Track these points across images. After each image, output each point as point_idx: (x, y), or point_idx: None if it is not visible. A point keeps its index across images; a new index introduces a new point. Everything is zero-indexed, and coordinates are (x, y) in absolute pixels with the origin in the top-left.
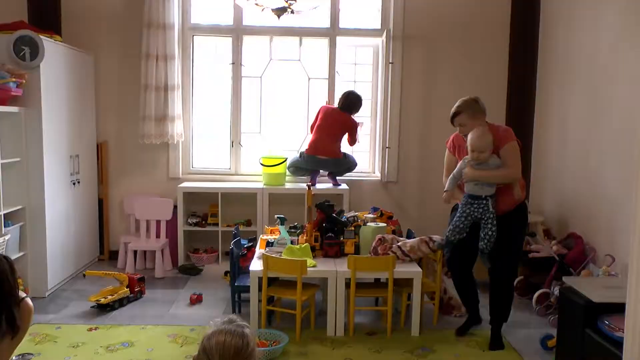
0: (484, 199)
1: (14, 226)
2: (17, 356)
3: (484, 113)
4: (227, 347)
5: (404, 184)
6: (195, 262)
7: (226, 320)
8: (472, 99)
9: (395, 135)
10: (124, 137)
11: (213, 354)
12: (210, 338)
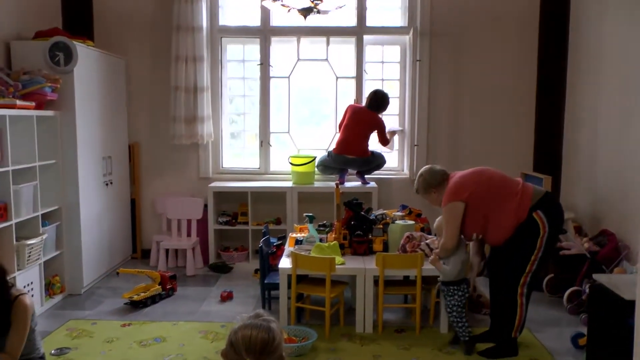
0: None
1: (51, 226)
2: (56, 350)
3: (435, 186)
4: (254, 341)
5: None
6: (225, 260)
7: (253, 314)
8: (421, 174)
9: (424, 132)
10: (155, 138)
11: (240, 347)
12: (237, 332)
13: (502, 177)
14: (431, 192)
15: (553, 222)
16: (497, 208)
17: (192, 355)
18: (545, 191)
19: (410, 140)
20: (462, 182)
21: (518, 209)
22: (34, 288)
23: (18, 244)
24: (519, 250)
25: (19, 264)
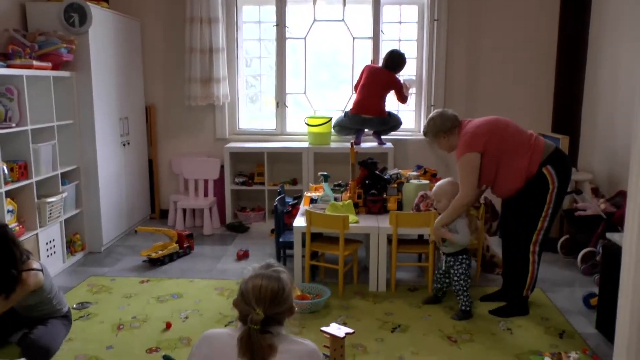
0: (442, 254)
1: (70, 185)
2: (78, 304)
3: (445, 131)
4: (264, 290)
5: None
6: (242, 220)
7: (264, 265)
8: (431, 118)
9: (441, 93)
10: (171, 99)
11: (250, 297)
12: (247, 282)
13: (516, 127)
14: (440, 137)
15: (562, 178)
16: (510, 159)
17: (208, 311)
18: (555, 146)
19: (427, 101)
20: (477, 133)
21: (530, 162)
22: (56, 245)
23: (39, 201)
24: (529, 206)
25: (40, 221)
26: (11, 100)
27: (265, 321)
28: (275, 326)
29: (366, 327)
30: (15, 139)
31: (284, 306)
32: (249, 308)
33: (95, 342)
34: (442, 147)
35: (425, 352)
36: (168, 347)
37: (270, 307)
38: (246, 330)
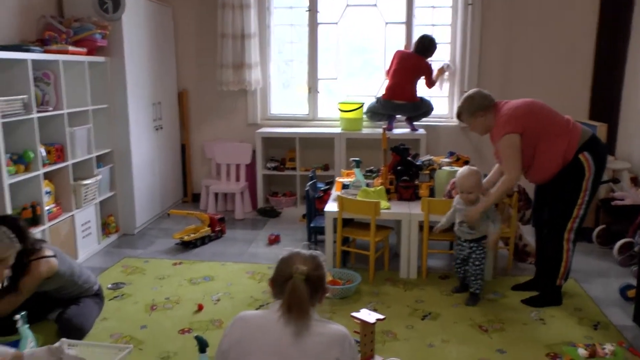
0: (464, 242)
1: (105, 167)
2: (112, 284)
3: (483, 109)
4: (305, 255)
5: None
6: (274, 205)
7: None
8: (469, 96)
9: (474, 79)
10: (204, 84)
11: (292, 260)
12: (285, 255)
13: (554, 111)
14: (477, 116)
15: (598, 166)
16: (547, 143)
17: (240, 294)
18: (592, 133)
19: (460, 87)
20: (516, 114)
21: (567, 148)
22: (91, 227)
23: (75, 184)
24: (564, 193)
25: (76, 203)
26: (48, 85)
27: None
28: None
29: (396, 313)
30: (52, 123)
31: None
32: (291, 268)
33: (129, 321)
34: (477, 128)
35: (456, 341)
36: (200, 328)
37: (312, 269)
38: (291, 283)
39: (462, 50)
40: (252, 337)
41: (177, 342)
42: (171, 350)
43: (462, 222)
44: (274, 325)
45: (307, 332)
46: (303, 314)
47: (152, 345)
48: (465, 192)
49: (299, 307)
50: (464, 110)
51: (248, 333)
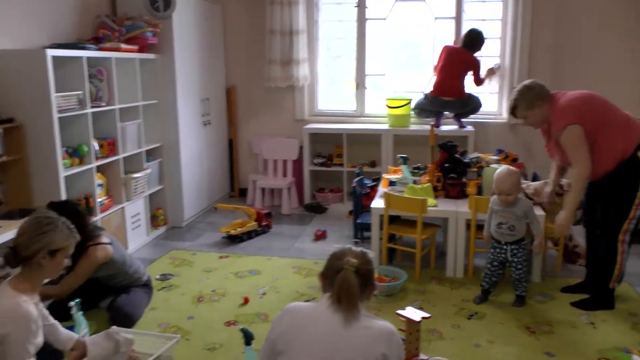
0: (504, 245)
1: (154, 162)
2: (161, 275)
3: (542, 98)
4: (355, 250)
5: None
6: (320, 201)
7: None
8: (525, 86)
9: (524, 75)
10: (252, 81)
11: (343, 253)
12: (336, 250)
13: (613, 105)
14: (535, 107)
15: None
16: (605, 138)
17: (285, 288)
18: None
19: (510, 83)
20: (576, 105)
21: (626, 144)
22: (141, 219)
23: (125, 177)
24: (620, 192)
25: (127, 195)
26: (101, 81)
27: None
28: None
29: (442, 312)
30: (104, 118)
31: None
32: (342, 261)
33: (176, 312)
34: (533, 120)
35: (502, 341)
36: (245, 321)
37: (362, 263)
38: (341, 274)
39: (512, 46)
40: (300, 327)
41: (223, 333)
42: (217, 342)
43: (500, 224)
44: (322, 316)
45: (356, 324)
46: (352, 306)
47: (199, 336)
48: (504, 194)
49: (349, 298)
50: (522, 101)
51: (296, 323)
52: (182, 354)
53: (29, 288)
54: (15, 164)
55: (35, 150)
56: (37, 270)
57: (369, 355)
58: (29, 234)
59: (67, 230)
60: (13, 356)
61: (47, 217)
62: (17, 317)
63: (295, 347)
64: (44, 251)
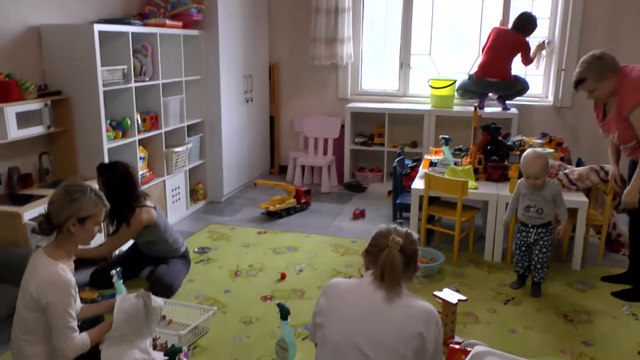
0: (530, 228)
1: (195, 137)
2: (199, 248)
3: (612, 70)
4: (401, 230)
5: (580, 110)
6: (360, 180)
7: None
8: (595, 57)
9: (574, 56)
10: (295, 58)
11: (388, 231)
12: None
13: None
14: (606, 79)
15: None
16: None
17: (322, 266)
18: None
19: (557, 64)
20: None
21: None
22: (180, 193)
23: (167, 150)
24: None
25: (167, 169)
26: (146, 57)
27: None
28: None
29: (479, 296)
30: (147, 92)
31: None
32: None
33: (213, 284)
34: (600, 94)
35: (539, 328)
36: (282, 296)
37: (407, 242)
38: (386, 251)
39: (562, 26)
40: (341, 301)
41: (259, 308)
42: (253, 316)
43: (528, 207)
44: (364, 291)
45: (397, 301)
46: (394, 283)
47: (235, 309)
48: (532, 178)
49: (392, 275)
50: (591, 73)
51: (338, 297)
52: (219, 326)
53: (63, 255)
54: (62, 135)
55: (80, 123)
56: (69, 238)
57: (406, 333)
58: (59, 202)
59: (96, 197)
60: (57, 323)
61: (77, 185)
62: (57, 285)
63: (335, 320)
64: (73, 219)
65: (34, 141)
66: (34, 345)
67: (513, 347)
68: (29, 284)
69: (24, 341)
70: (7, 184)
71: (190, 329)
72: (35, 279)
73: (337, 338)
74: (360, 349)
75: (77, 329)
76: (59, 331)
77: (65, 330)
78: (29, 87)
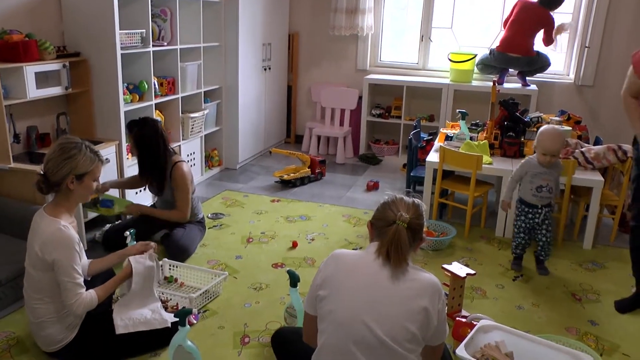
0: (539, 208)
1: (212, 103)
2: (212, 214)
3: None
4: (408, 202)
5: (602, 89)
6: (375, 152)
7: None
8: None
9: (599, 33)
10: (315, 28)
11: (396, 205)
12: (386, 204)
13: None
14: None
15: None
16: None
17: (334, 235)
18: None
19: (581, 41)
20: None
21: None
22: (196, 158)
23: (183, 116)
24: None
25: (183, 134)
26: (164, 21)
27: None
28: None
29: (488, 272)
30: (165, 57)
31: (421, 229)
32: (395, 214)
33: (226, 250)
34: None
35: (546, 307)
36: (292, 264)
37: (414, 217)
38: (393, 229)
39: (589, 2)
40: (346, 274)
41: (269, 274)
42: (263, 282)
43: (541, 187)
44: (369, 266)
45: (402, 277)
46: (401, 260)
47: (246, 275)
48: (551, 155)
49: (398, 253)
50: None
51: (342, 269)
52: (229, 290)
53: (64, 212)
54: (80, 96)
55: (98, 85)
56: (68, 195)
57: (410, 308)
58: (55, 160)
59: (92, 154)
60: (63, 279)
61: (72, 142)
62: (61, 242)
63: (338, 293)
64: (71, 176)
65: (52, 101)
66: (45, 303)
67: (519, 323)
68: (33, 243)
69: (35, 300)
70: (25, 143)
71: (201, 292)
72: (39, 238)
73: (343, 313)
74: (366, 323)
75: (83, 285)
76: (66, 287)
77: (73, 286)
78: (48, 47)
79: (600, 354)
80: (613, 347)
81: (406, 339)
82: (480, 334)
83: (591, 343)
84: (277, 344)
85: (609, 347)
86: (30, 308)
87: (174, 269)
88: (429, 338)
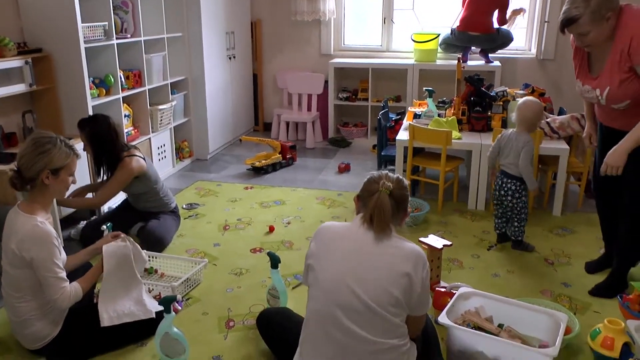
0: (517, 179)
1: (179, 94)
2: (187, 204)
3: (613, 9)
4: (392, 175)
5: (563, 62)
6: (344, 135)
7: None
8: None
9: (557, 7)
10: (277, 14)
11: (380, 177)
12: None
13: None
14: (604, 21)
15: None
16: None
17: (309, 218)
18: None
19: (541, 16)
20: None
21: None
22: (166, 150)
23: (151, 108)
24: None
25: (152, 126)
26: (126, 13)
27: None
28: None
29: (463, 243)
30: (130, 49)
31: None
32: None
33: (203, 239)
34: (595, 37)
35: (520, 272)
36: (271, 248)
37: (397, 187)
38: (376, 195)
39: None
40: (332, 242)
41: (248, 259)
42: (243, 267)
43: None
44: (354, 233)
45: (387, 242)
46: (384, 226)
47: (225, 262)
48: (531, 127)
49: (381, 218)
50: (585, 14)
51: (328, 238)
52: (210, 278)
53: (39, 209)
54: (46, 93)
55: (63, 80)
56: (43, 191)
57: (394, 272)
58: (29, 156)
59: (67, 148)
60: (45, 275)
61: (46, 136)
62: (38, 238)
63: (326, 261)
64: (46, 171)
65: (16, 99)
66: (27, 301)
67: (496, 289)
68: (9, 241)
69: (15, 298)
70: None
71: (183, 280)
72: (15, 236)
73: (328, 278)
74: (351, 287)
75: (66, 278)
76: (49, 283)
77: (56, 281)
78: (8, 44)
79: (574, 313)
80: (585, 305)
81: (390, 303)
82: (461, 301)
83: (565, 303)
84: (262, 325)
85: (581, 306)
86: (10, 307)
87: (153, 259)
88: (412, 306)
